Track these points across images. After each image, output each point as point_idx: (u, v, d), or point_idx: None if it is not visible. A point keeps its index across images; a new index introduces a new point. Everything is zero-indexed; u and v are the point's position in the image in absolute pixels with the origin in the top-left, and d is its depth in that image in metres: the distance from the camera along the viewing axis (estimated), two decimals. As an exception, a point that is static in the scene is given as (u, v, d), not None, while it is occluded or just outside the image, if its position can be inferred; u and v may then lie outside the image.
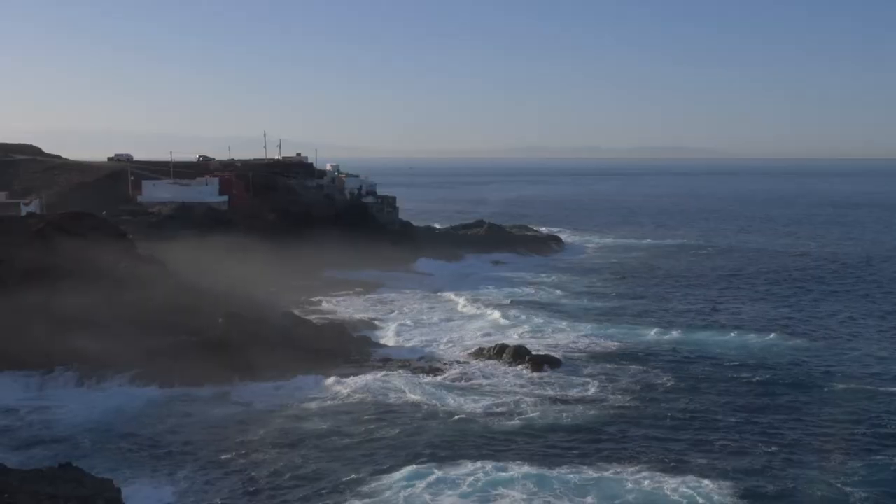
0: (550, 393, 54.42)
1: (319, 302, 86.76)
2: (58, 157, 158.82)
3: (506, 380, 56.98)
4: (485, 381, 56.40)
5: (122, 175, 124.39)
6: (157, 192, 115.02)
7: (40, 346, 55.10)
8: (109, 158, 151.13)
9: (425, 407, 51.20)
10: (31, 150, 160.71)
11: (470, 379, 56.66)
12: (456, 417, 49.20)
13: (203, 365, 56.40)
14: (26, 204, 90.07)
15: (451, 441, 45.30)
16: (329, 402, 52.20)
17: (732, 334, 71.39)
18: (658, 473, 40.64)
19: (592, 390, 55.10)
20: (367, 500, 37.80)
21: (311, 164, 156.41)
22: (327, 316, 78.25)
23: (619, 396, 53.73)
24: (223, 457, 43.08)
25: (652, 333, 71.86)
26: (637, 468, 41.43)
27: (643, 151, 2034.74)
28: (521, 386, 55.83)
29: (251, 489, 39.11)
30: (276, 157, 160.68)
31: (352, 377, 56.60)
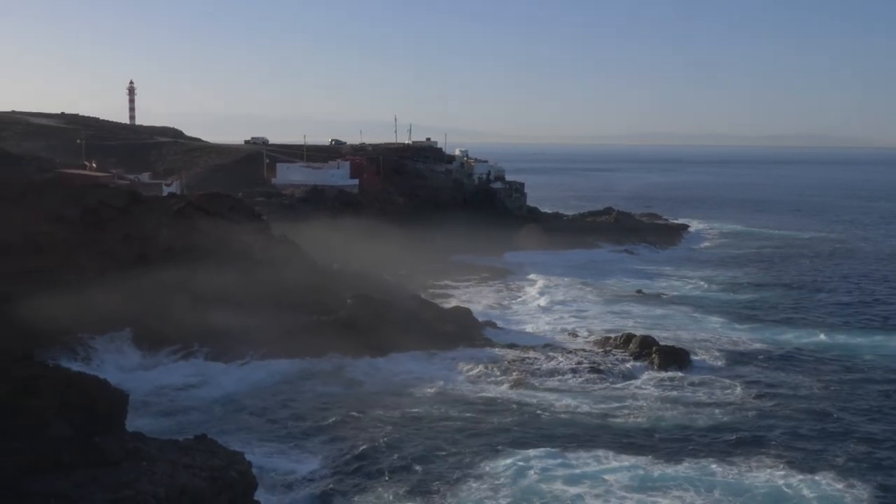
0: (674, 385, 53.30)
1: (446, 286, 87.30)
2: (198, 139, 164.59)
3: (630, 371, 55.96)
4: (608, 372, 55.51)
5: (257, 158, 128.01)
6: (290, 175, 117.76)
7: (180, 322, 57.17)
8: (246, 141, 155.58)
9: (544, 394, 50.89)
10: (173, 133, 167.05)
11: (593, 368, 55.82)
12: (575, 406, 48.74)
13: (332, 343, 57.71)
14: (167, 185, 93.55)
15: (567, 430, 44.95)
16: (450, 385, 52.48)
17: (879, 337, 67.57)
18: (787, 473, 39.36)
19: (718, 386, 53.60)
20: (482, 483, 37.90)
21: (441, 148, 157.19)
22: (453, 300, 78.64)
23: (746, 391, 52.16)
24: (346, 434, 43.87)
25: (787, 330, 69.43)
26: (765, 467, 40.19)
27: (773, 140, 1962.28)
28: (646, 379, 54.78)
29: (372, 467, 39.64)
30: (406, 142, 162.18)
31: (474, 361, 56.74)
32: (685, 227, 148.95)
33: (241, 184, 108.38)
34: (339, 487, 37.39)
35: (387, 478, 38.55)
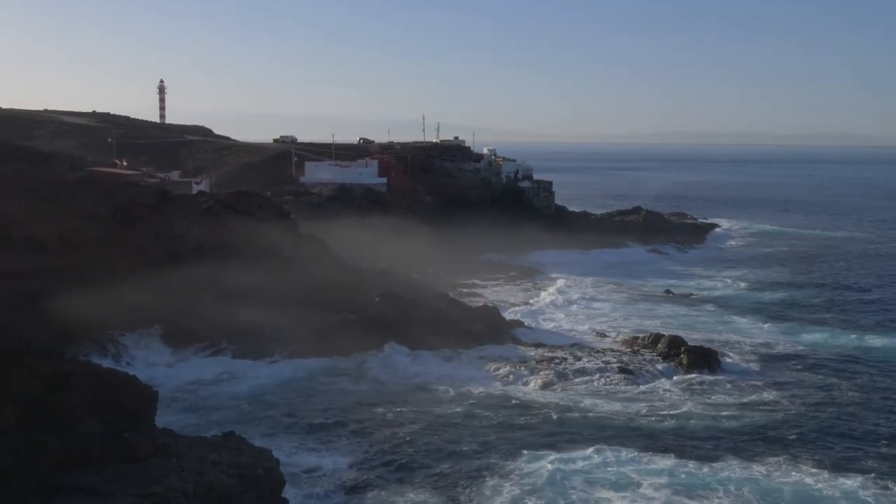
0: (703, 386, 52.94)
1: (474, 285, 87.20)
2: (227, 138, 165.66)
3: (658, 372, 55.57)
4: (636, 372, 55.12)
5: (286, 156, 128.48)
6: (318, 174, 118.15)
7: (209, 319, 57.51)
8: (275, 140, 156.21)
9: (571, 394, 50.73)
10: (203, 132, 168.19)
11: (621, 368, 55.46)
12: (603, 407, 48.50)
13: (359, 342, 57.84)
14: (197, 183, 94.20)
15: (594, 430, 44.73)
16: (477, 384, 52.36)
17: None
18: (816, 474, 39.05)
19: (747, 387, 53.17)
20: (508, 483, 37.80)
21: (469, 147, 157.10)
22: (481, 299, 78.55)
23: (775, 392, 51.77)
24: (373, 432, 43.94)
25: (818, 330, 68.76)
26: (794, 468, 39.82)
27: (803, 139, 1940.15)
28: (674, 380, 54.41)
29: (398, 466, 39.68)
30: (434, 141, 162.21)
31: (502, 361, 56.63)
32: (714, 226, 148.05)
33: (270, 182, 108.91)
34: (365, 485, 37.47)
35: (412, 476, 38.55)
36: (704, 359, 57.00)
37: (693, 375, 54.73)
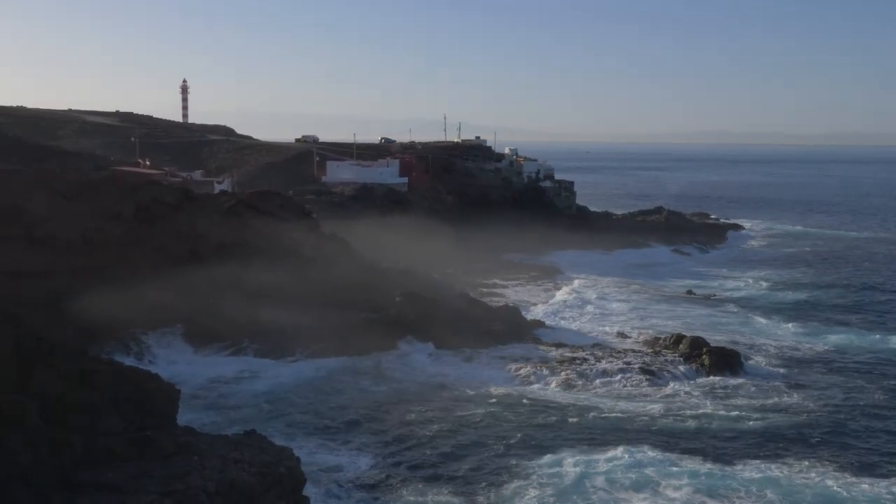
0: (725, 387, 52.60)
1: (495, 284, 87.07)
2: (249, 137, 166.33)
3: (680, 373, 55.22)
4: (657, 373, 54.78)
5: (307, 156, 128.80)
6: (340, 173, 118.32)
7: (231, 318, 57.70)
8: (297, 140, 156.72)
9: (592, 395, 50.56)
10: (225, 131, 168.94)
11: (642, 369, 55.12)
12: (624, 407, 48.28)
13: (380, 341, 57.90)
14: (219, 182, 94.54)
15: (615, 431, 44.50)
16: (497, 384, 52.25)
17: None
18: (839, 477, 38.68)
19: (770, 388, 52.75)
20: (528, 483, 37.68)
21: (490, 147, 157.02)
22: (502, 299, 78.42)
23: (799, 394, 51.37)
24: (393, 432, 43.95)
25: (842, 331, 68.16)
26: (817, 470, 39.47)
27: (829, 138, 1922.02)
28: (696, 381, 54.08)
29: (418, 465, 39.66)
30: (456, 140, 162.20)
31: (523, 360, 56.48)
32: (737, 226, 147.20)
33: (292, 181, 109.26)
34: (385, 484, 37.45)
35: (433, 477, 38.48)
36: (727, 360, 56.51)
37: (715, 377, 54.36)
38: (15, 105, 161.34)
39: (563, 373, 54.06)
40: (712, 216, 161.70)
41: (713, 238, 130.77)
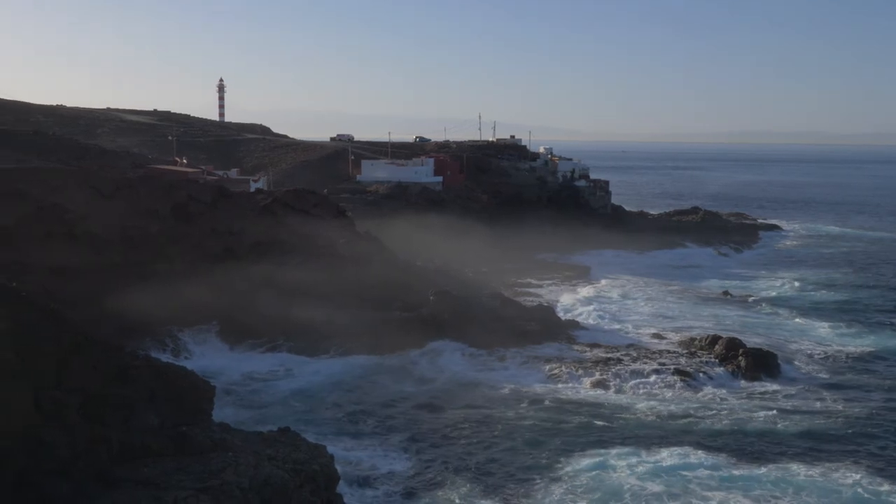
0: (761, 389, 52.10)
1: (529, 284, 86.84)
2: (284, 136, 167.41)
3: (715, 374, 54.66)
4: (692, 374, 54.23)
5: (342, 155, 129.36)
6: (374, 172, 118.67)
7: (265, 316, 58.06)
8: (332, 138, 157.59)
9: (626, 395, 50.30)
10: (261, 130, 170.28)
11: (677, 370, 54.60)
12: (658, 408, 47.93)
13: (414, 340, 57.99)
14: (255, 181, 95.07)
15: (648, 431, 44.20)
16: (531, 384, 52.12)
17: None
18: (873, 481, 38.05)
19: (807, 390, 52.14)
20: (560, 483, 37.57)
21: (525, 146, 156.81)
22: (536, 298, 78.21)
23: (836, 396, 50.67)
24: (425, 431, 44.00)
25: (882, 333, 67.26)
26: (852, 473, 38.88)
27: (871, 137, 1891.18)
28: (732, 383, 53.56)
29: (450, 464, 39.61)
30: (490, 140, 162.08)
31: (556, 360, 56.26)
32: (775, 226, 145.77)
33: (327, 180, 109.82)
34: (418, 483, 37.49)
35: (464, 475, 38.45)
36: (763, 362, 55.85)
37: (751, 378, 53.81)
38: (55, 104, 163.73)
39: (597, 373, 53.80)
40: (749, 216, 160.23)
41: (750, 238, 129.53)
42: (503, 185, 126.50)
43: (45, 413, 26.48)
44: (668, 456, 40.37)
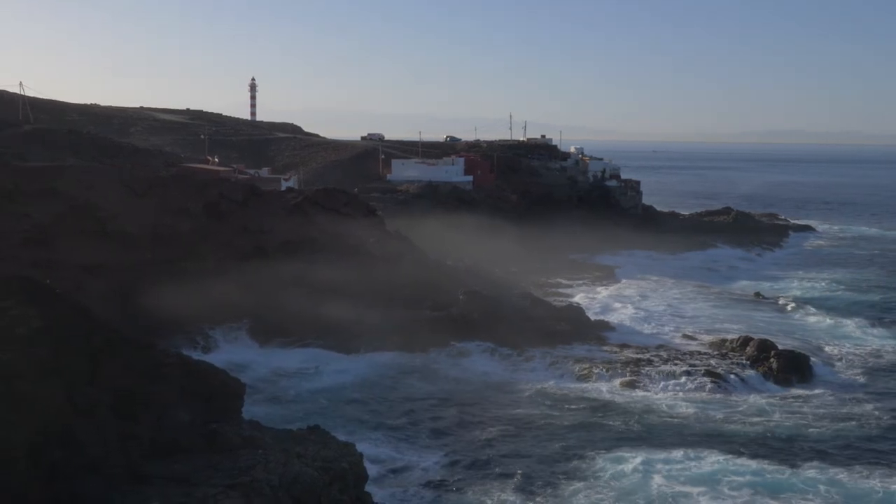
0: (793, 391, 51.59)
1: (559, 284, 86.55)
2: (315, 135, 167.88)
3: (746, 376, 54.04)
4: (723, 375, 53.62)
5: (373, 154, 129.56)
6: (405, 171, 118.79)
7: (295, 314, 58.31)
8: (362, 137, 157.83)
9: (656, 396, 49.97)
10: (292, 129, 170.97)
11: (708, 371, 54.01)
12: (688, 410, 47.57)
13: (443, 339, 58.03)
14: (286, 179, 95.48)
15: (678, 433, 43.86)
16: (560, 384, 51.95)
17: None
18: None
19: (840, 393, 51.52)
20: (589, 483, 37.42)
21: (555, 146, 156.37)
22: (566, 298, 77.91)
23: (870, 399, 49.99)
24: (454, 430, 43.99)
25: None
26: (886, 477, 38.37)
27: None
28: (763, 385, 52.97)
29: (479, 464, 39.58)
30: (521, 139, 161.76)
31: (586, 361, 56.00)
32: (808, 227, 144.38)
33: (357, 179, 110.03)
34: (445, 483, 37.46)
35: (493, 475, 38.40)
36: (795, 364, 55.18)
37: (783, 380, 53.24)
38: (89, 103, 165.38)
39: (626, 374, 53.51)
40: (782, 217, 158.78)
41: (783, 239, 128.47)
42: (533, 184, 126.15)
43: (77, 410, 26.74)
44: (697, 457, 40.08)
